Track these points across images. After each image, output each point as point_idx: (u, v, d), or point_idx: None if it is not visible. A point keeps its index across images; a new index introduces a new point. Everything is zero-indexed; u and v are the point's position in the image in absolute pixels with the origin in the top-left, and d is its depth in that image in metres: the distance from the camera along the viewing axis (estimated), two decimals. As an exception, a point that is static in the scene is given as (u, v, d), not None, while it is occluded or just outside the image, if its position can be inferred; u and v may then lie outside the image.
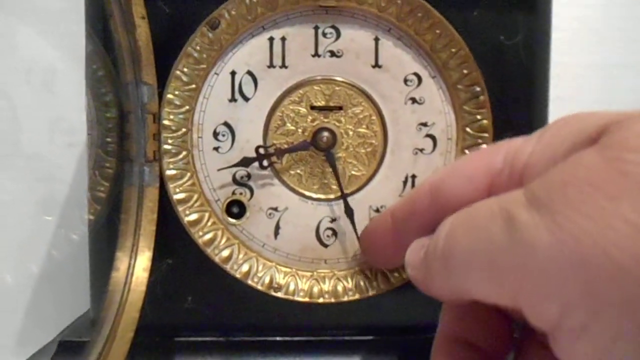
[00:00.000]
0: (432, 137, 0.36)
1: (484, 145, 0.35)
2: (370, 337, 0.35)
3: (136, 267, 0.33)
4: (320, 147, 0.35)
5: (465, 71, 0.35)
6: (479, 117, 0.35)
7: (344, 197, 0.35)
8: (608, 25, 0.51)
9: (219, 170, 0.35)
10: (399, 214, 0.29)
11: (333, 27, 0.35)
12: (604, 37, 0.51)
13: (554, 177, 0.19)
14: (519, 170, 0.23)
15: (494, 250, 0.20)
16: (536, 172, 0.21)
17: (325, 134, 0.35)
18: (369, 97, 0.36)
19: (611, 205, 0.17)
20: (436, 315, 0.36)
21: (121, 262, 0.33)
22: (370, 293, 0.35)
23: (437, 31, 0.34)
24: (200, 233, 0.35)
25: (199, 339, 0.35)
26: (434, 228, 0.24)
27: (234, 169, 0.35)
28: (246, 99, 0.35)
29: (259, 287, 0.35)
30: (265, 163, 0.35)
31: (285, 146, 0.35)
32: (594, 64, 0.52)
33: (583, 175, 0.18)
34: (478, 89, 0.35)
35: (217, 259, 0.35)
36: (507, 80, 0.35)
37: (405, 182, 0.36)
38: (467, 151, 0.36)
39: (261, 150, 0.35)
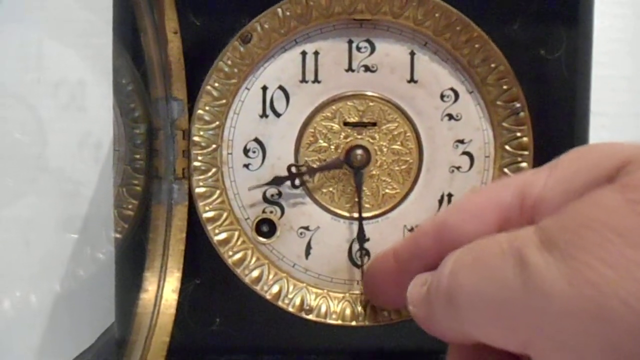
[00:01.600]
0: (469, 155, 0.35)
1: (524, 164, 0.34)
2: (405, 362, 0.34)
3: (165, 288, 0.32)
4: (354, 165, 0.34)
5: (504, 87, 0.34)
6: (518, 134, 0.34)
7: (360, 220, 0.34)
8: (641, 36, 0.50)
9: (250, 189, 0.34)
10: (402, 253, 0.27)
11: (367, 41, 0.34)
12: (637, 49, 0.50)
13: (569, 217, 0.18)
14: (530, 205, 0.21)
15: (503, 293, 0.18)
16: (549, 207, 0.20)
17: (359, 151, 0.34)
18: (403, 113, 0.34)
19: (634, 254, 0.16)
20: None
21: (150, 283, 0.32)
22: (405, 316, 0.34)
23: (476, 45, 0.33)
24: (230, 253, 0.34)
25: (228, 361, 0.34)
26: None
27: (265, 187, 0.34)
28: (277, 114, 0.34)
29: (290, 309, 0.34)
30: (297, 182, 0.34)
31: (318, 164, 0.34)
32: (624, 76, 0.50)
33: (602, 218, 0.17)
34: (518, 105, 0.34)
35: (246, 280, 0.34)
36: (548, 96, 0.34)
37: (441, 201, 0.35)
38: (505, 170, 0.34)
39: (293, 169, 0.34)
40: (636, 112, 0.51)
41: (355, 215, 0.34)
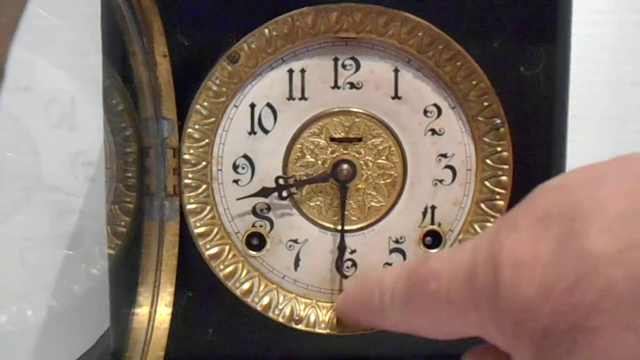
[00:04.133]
0: (452, 168, 0.36)
1: (504, 177, 0.35)
2: (391, 368, 0.36)
3: (159, 303, 0.33)
4: (340, 179, 0.35)
5: (485, 103, 0.35)
6: (499, 149, 0.35)
7: (342, 232, 0.35)
8: (622, 43, 0.51)
9: (238, 199, 0.35)
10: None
11: (353, 58, 0.35)
12: (618, 56, 0.51)
13: None
14: None
15: None
16: None
17: (345, 166, 0.35)
18: (388, 129, 0.35)
19: None
20: (454, 345, 0.36)
21: (144, 298, 0.33)
22: (391, 324, 0.36)
23: (458, 63, 0.34)
24: (221, 266, 0.35)
25: (221, 371, 0.35)
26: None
27: (254, 201, 0.35)
28: (266, 131, 0.35)
29: (280, 320, 0.35)
30: (284, 194, 0.35)
31: (305, 178, 0.35)
32: (607, 82, 0.52)
33: None
34: (498, 120, 0.35)
35: (238, 292, 0.35)
36: (528, 112, 0.35)
37: (424, 213, 0.36)
38: (486, 182, 0.36)
39: (281, 181, 0.35)
40: (619, 117, 0.52)
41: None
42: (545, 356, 0.18)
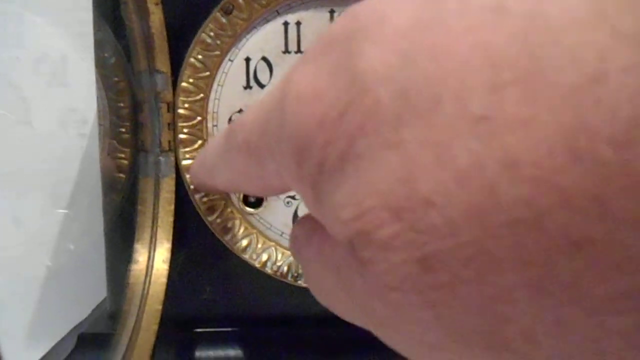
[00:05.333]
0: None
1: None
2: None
3: (156, 259, 0.32)
4: (338, 133, 0.34)
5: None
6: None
7: None
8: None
9: (234, 158, 0.35)
10: None
11: (349, 10, 0.34)
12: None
13: None
14: None
15: None
16: None
17: (343, 120, 0.34)
18: (386, 82, 0.35)
19: None
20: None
21: (140, 254, 0.32)
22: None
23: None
24: (218, 220, 0.35)
25: (219, 329, 0.35)
26: None
27: (250, 158, 0.35)
28: (261, 85, 0.35)
29: (278, 276, 0.35)
30: (282, 150, 0.35)
31: (302, 133, 0.35)
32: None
33: None
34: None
35: (235, 249, 0.35)
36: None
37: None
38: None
39: (278, 137, 0.34)
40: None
41: (340, 183, 0.35)
42: (320, 194, 0.16)
